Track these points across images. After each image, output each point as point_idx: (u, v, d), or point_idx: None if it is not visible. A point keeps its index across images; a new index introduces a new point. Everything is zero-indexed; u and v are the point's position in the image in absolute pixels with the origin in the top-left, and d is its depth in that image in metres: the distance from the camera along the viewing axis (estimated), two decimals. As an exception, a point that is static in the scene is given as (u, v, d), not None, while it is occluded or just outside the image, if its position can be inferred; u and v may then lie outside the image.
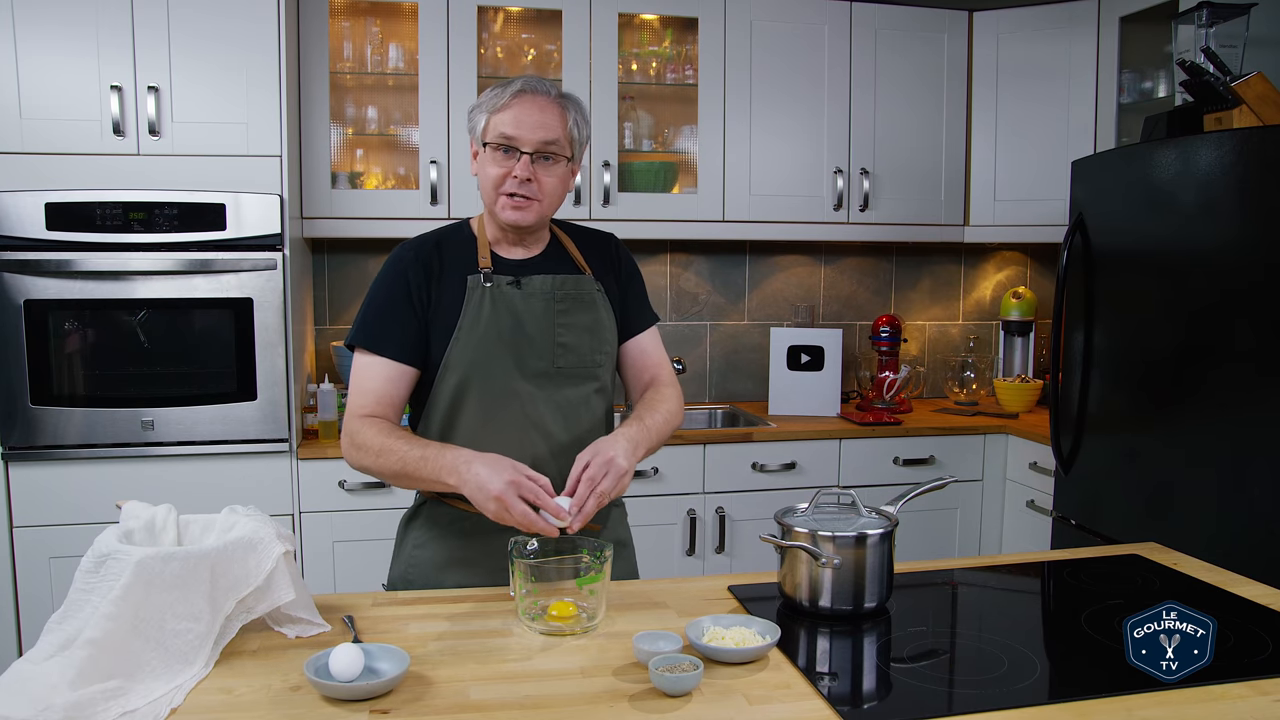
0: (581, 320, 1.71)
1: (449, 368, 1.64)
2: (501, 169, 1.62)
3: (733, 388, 3.74)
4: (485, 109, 1.64)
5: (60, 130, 2.63)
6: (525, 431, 1.66)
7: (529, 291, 1.67)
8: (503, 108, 1.62)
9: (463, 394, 1.65)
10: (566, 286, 1.71)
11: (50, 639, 1.23)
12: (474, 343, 1.64)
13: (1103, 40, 3.27)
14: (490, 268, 1.67)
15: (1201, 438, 2.39)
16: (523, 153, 1.61)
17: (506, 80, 1.66)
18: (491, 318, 1.64)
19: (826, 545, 1.45)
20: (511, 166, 1.62)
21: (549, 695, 1.21)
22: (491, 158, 1.63)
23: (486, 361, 1.64)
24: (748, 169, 3.32)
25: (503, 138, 1.61)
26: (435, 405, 1.67)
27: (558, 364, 1.68)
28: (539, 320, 1.67)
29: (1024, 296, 3.70)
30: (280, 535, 1.37)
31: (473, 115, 1.67)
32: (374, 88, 3.27)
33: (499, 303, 1.65)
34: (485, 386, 1.64)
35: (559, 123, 1.64)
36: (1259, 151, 2.24)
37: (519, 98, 1.62)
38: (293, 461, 2.80)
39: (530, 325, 1.66)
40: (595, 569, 1.44)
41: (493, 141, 1.62)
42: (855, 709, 1.20)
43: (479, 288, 1.65)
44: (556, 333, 1.68)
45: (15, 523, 2.67)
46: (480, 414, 1.65)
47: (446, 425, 1.67)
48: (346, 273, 3.38)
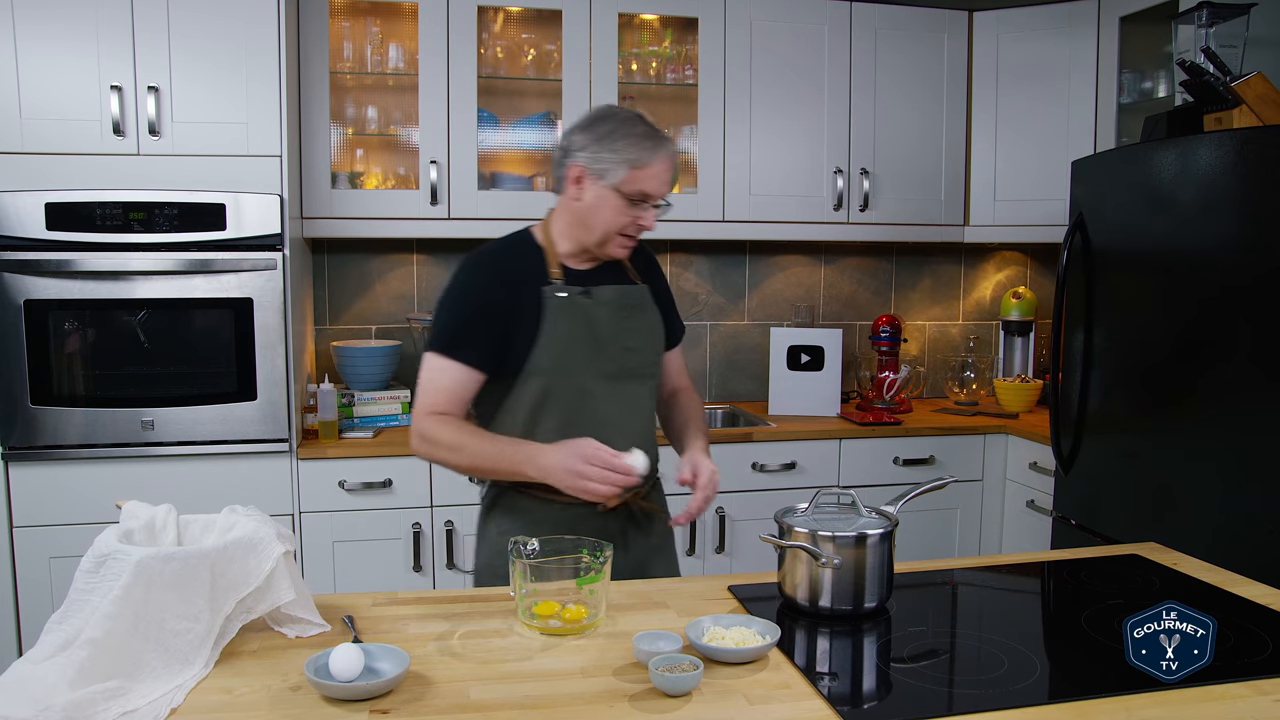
0: (642, 325, 1.87)
1: (531, 373, 1.76)
2: (628, 217, 1.75)
3: (733, 388, 3.74)
4: (624, 161, 1.71)
5: (60, 130, 2.63)
6: (599, 428, 1.75)
7: (599, 301, 1.81)
8: (645, 166, 1.72)
9: (545, 396, 1.77)
10: (629, 295, 1.86)
11: (50, 639, 1.23)
12: (555, 349, 1.76)
13: (1103, 40, 3.27)
14: (562, 279, 1.79)
15: (1201, 437, 2.39)
16: (654, 206, 1.76)
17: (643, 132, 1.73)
18: (569, 326, 1.77)
19: (826, 545, 1.45)
20: (638, 216, 1.75)
21: (549, 695, 1.21)
22: (620, 206, 1.74)
23: (566, 366, 1.77)
24: (748, 169, 3.32)
25: (642, 194, 1.74)
26: (517, 407, 1.79)
27: (625, 365, 1.82)
28: (608, 326, 1.81)
29: (1024, 296, 3.70)
30: (280, 535, 1.37)
31: (601, 155, 1.72)
32: (374, 88, 3.27)
33: (575, 312, 1.78)
34: (565, 389, 1.77)
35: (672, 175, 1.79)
36: (1259, 151, 2.24)
37: (662, 161, 1.74)
38: (293, 461, 2.80)
39: (602, 331, 1.80)
40: (595, 569, 1.44)
41: (631, 194, 1.73)
42: (855, 709, 1.20)
43: (555, 298, 1.77)
44: (624, 337, 1.82)
45: (15, 523, 2.67)
46: (561, 414, 1.78)
47: (530, 424, 1.78)
48: (346, 273, 3.38)
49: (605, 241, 1.77)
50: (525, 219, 3.23)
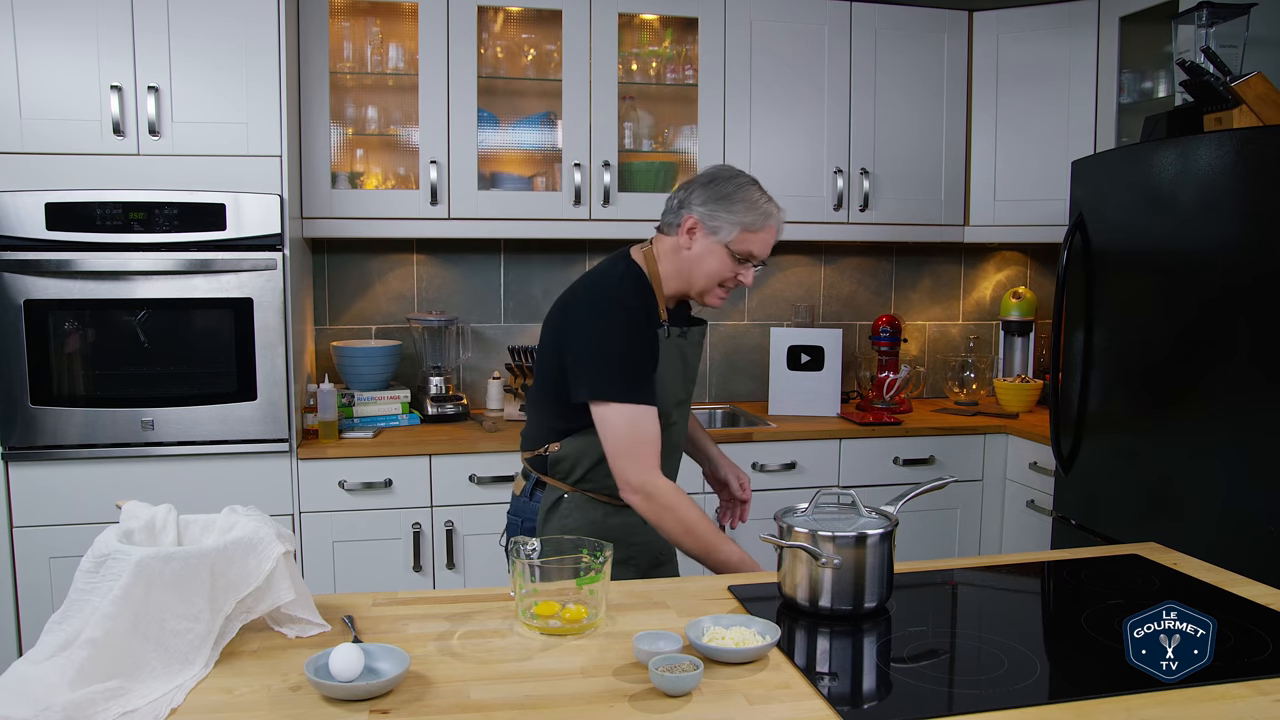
0: (699, 359, 2.07)
1: None
2: (731, 273, 1.89)
3: (733, 388, 3.74)
4: (739, 223, 1.85)
5: (60, 130, 2.63)
6: (670, 452, 1.94)
7: (691, 341, 1.99)
8: (757, 230, 1.86)
9: None
10: (701, 334, 2.05)
11: (50, 639, 1.23)
12: (664, 387, 1.89)
13: (1103, 40, 3.27)
14: (668, 320, 1.93)
15: (1201, 437, 2.39)
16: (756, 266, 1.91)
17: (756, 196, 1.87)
18: (672, 364, 1.92)
19: (826, 545, 1.45)
20: (739, 272, 1.90)
21: (549, 695, 1.21)
22: (726, 263, 1.88)
23: (663, 399, 1.89)
24: (748, 169, 3.30)
25: (747, 254, 1.88)
26: None
27: (690, 394, 2.02)
28: (689, 363, 1.99)
29: (1024, 296, 3.70)
30: (280, 535, 1.37)
31: (719, 214, 1.85)
32: (374, 88, 3.27)
33: (675, 351, 1.94)
34: (663, 418, 1.89)
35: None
36: (1259, 151, 2.24)
37: (771, 229, 1.88)
38: (293, 461, 2.80)
39: (686, 366, 1.98)
40: (595, 569, 1.44)
41: (738, 253, 1.87)
42: (855, 709, 1.20)
43: (666, 340, 1.91)
44: (693, 373, 2.02)
45: (15, 523, 2.67)
46: None
47: None
48: (346, 273, 3.38)
49: (705, 291, 1.92)
50: (525, 219, 3.26)
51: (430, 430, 3.05)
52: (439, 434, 2.99)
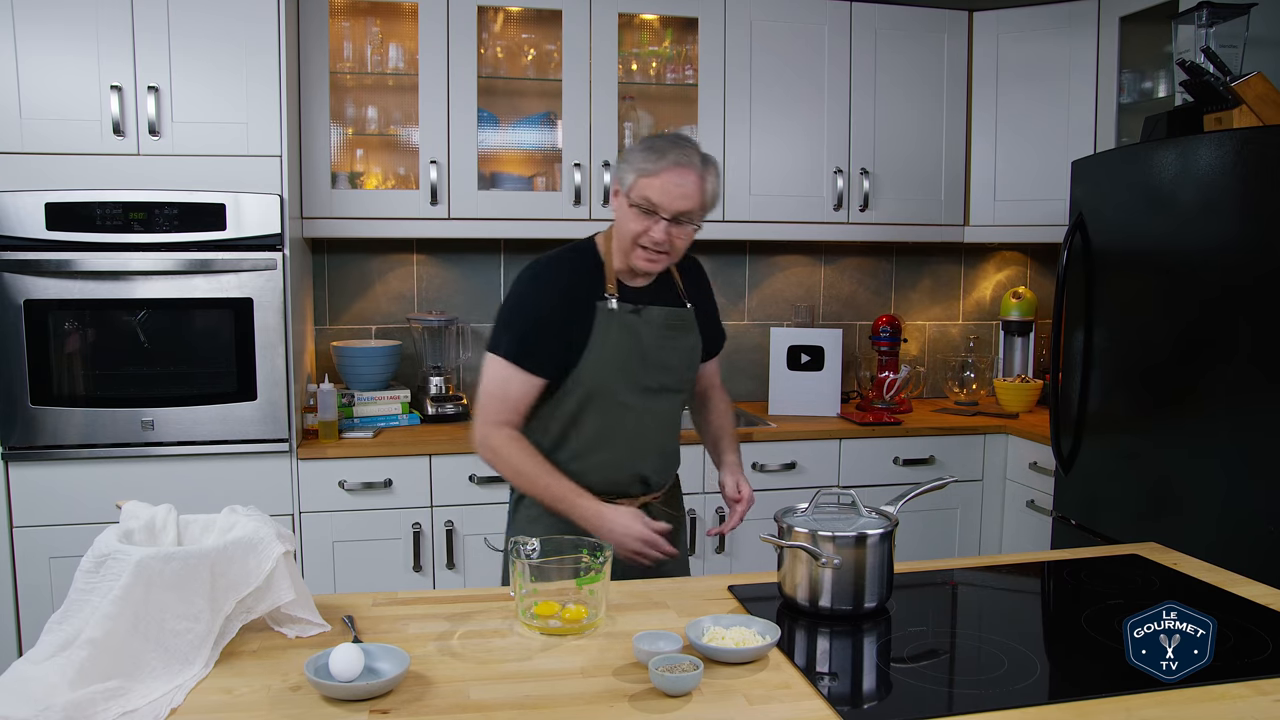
0: (682, 345, 1.93)
1: (577, 383, 1.83)
2: (640, 226, 1.78)
3: (733, 388, 3.70)
4: (635, 169, 1.77)
5: (60, 130, 2.62)
6: (632, 440, 1.87)
7: (647, 319, 1.87)
8: (652, 175, 1.75)
9: (585, 407, 1.84)
10: (674, 317, 1.92)
11: (50, 639, 1.23)
12: (601, 363, 1.82)
13: (1103, 40, 3.27)
14: (616, 294, 1.85)
15: (1202, 437, 2.39)
16: (662, 218, 1.76)
17: (659, 145, 1.77)
18: (617, 341, 1.83)
19: (826, 545, 1.45)
20: (649, 226, 1.77)
21: (549, 695, 1.21)
22: (632, 214, 1.78)
23: (609, 380, 1.83)
24: (748, 169, 3.32)
25: (646, 202, 1.76)
26: (557, 413, 1.85)
27: (661, 381, 1.89)
28: (651, 344, 1.87)
29: (1024, 296, 3.70)
30: (280, 535, 1.37)
31: (622, 166, 1.81)
32: (374, 88, 3.27)
33: (624, 328, 1.84)
34: (605, 401, 1.83)
35: (697, 193, 1.79)
36: (1259, 151, 2.24)
37: (668, 170, 1.75)
38: (293, 461, 2.80)
39: (645, 348, 1.86)
40: (595, 569, 1.44)
41: (637, 201, 1.77)
42: (855, 709, 1.20)
43: (607, 312, 1.83)
44: (664, 356, 1.89)
45: (15, 523, 2.67)
46: (598, 424, 1.85)
47: (565, 432, 1.86)
48: (346, 273, 3.38)
49: (629, 254, 1.82)
50: (525, 219, 3.26)
51: (430, 430, 3.05)
52: (439, 434, 2.99)
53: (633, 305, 1.86)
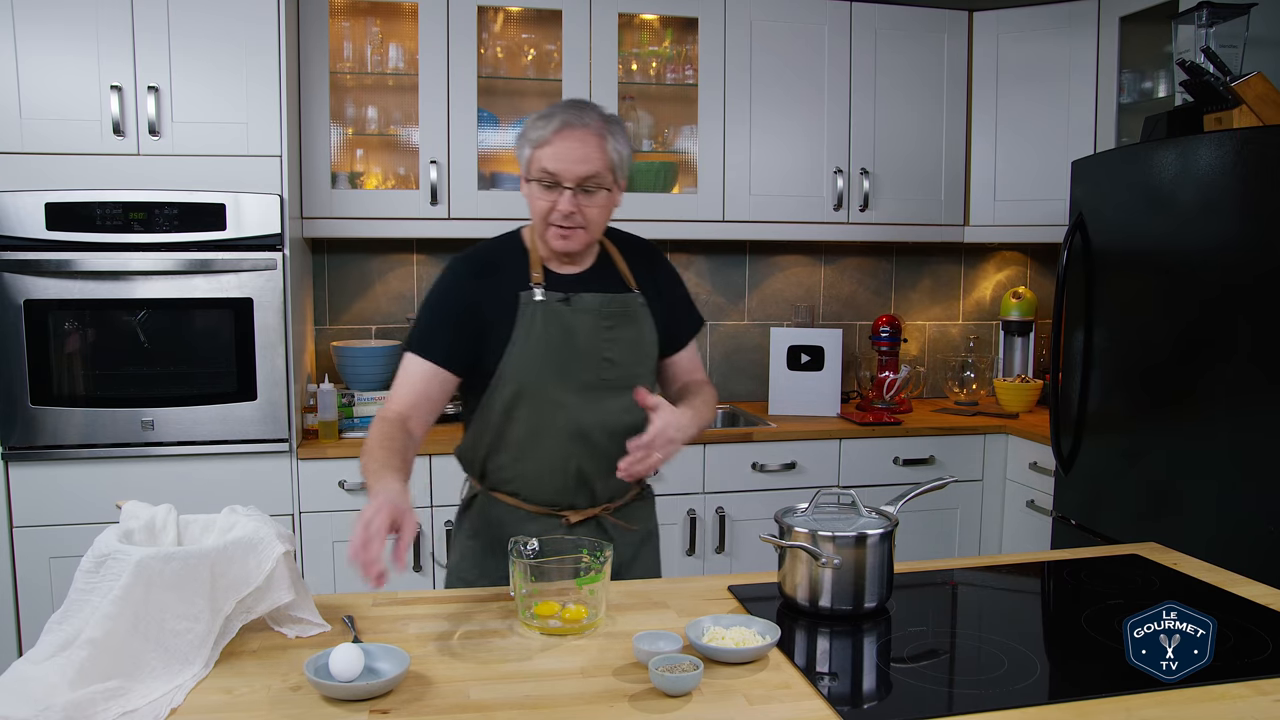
0: (626, 335, 1.77)
1: (503, 379, 1.71)
2: (546, 202, 1.67)
3: (733, 388, 3.73)
4: (529, 142, 1.67)
5: (60, 130, 2.62)
6: (571, 441, 1.73)
7: (578, 308, 1.73)
8: (544, 143, 1.64)
9: (515, 404, 1.72)
10: (614, 304, 1.76)
11: (50, 639, 1.23)
12: (526, 356, 1.70)
13: (1103, 40, 3.27)
14: (542, 284, 1.73)
15: (1201, 438, 2.39)
16: (565, 188, 1.64)
17: (549, 111, 1.67)
18: (543, 333, 1.70)
19: (826, 545, 1.45)
20: (556, 200, 1.65)
21: (549, 695, 1.21)
22: (536, 191, 1.68)
23: (537, 374, 1.70)
24: (748, 169, 3.32)
25: (545, 173, 1.65)
26: (489, 413, 1.74)
27: (603, 377, 1.74)
28: (587, 336, 1.73)
29: (1024, 296, 3.70)
30: (280, 535, 1.37)
31: (519, 144, 1.71)
32: (374, 88, 3.27)
33: (550, 319, 1.71)
34: (536, 397, 1.71)
35: (599, 154, 1.65)
36: (1259, 151, 2.24)
37: (560, 133, 1.63)
38: (293, 461, 2.80)
39: (579, 340, 1.72)
40: (595, 569, 1.44)
41: (536, 177, 1.66)
42: (855, 709, 1.20)
43: (531, 303, 1.71)
44: (603, 348, 1.74)
45: (15, 523, 2.67)
46: (530, 423, 1.72)
47: (499, 433, 1.75)
48: (346, 273, 3.38)
49: (543, 234, 1.71)
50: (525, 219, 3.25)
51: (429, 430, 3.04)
52: (438, 434, 2.96)
53: (562, 294, 1.72)
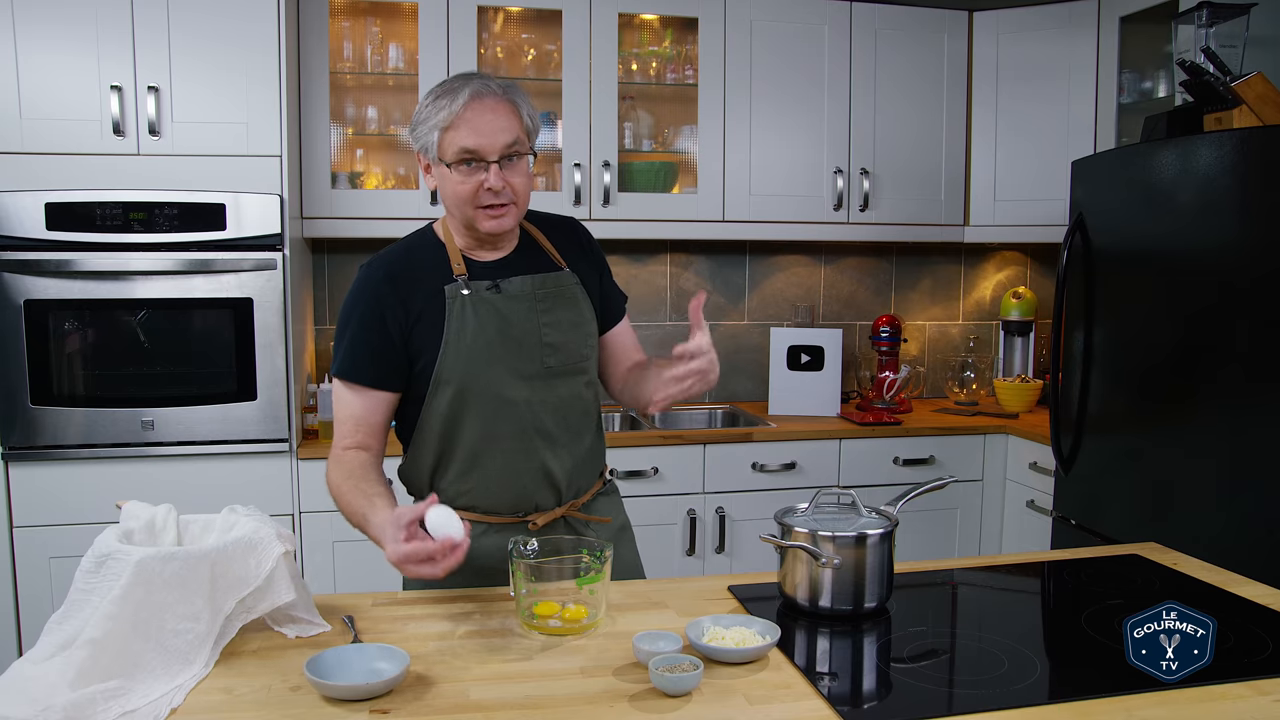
0: (565, 317, 1.67)
1: (440, 382, 1.60)
2: (471, 184, 1.55)
3: (733, 388, 3.74)
4: (435, 125, 1.55)
5: (60, 130, 2.62)
6: (526, 436, 1.63)
7: (509, 294, 1.62)
8: (456, 122, 1.53)
9: (459, 407, 1.61)
10: (547, 285, 1.66)
11: (50, 639, 1.23)
12: (463, 353, 1.59)
13: (1103, 40, 3.27)
14: (465, 274, 1.62)
15: (1201, 438, 2.39)
16: (490, 162, 1.54)
17: (447, 89, 1.56)
18: (477, 326, 1.59)
19: (826, 545, 1.45)
20: (481, 179, 1.54)
21: (549, 695, 1.21)
22: (456, 174, 1.55)
23: (479, 371, 1.59)
24: (748, 169, 3.32)
25: (465, 152, 1.54)
26: (430, 422, 1.63)
27: (547, 363, 1.64)
28: (524, 322, 1.62)
29: (1024, 296, 3.70)
30: (280, 535, 1.37)
31: (418, 132, 1.58)
32: (374, 88, 3.26)
33: (481, 309, 1.60)
34: (481, 396, 1.60)
35: (514, 120, 1.57)
36: (1259, 151, 2.24)
37: (470, 106, 1.54)
38: (293, 461, 2.80)
39: (516, 328, 1.62)
40: (595, 569, 1.44)
41: (454, 160, 1.54)
42: (855, 709, 1.20)
43: (458, 297, 1.59)
44: (543, 333, 1.64)
45: (15, 523, 2.67)
46: (479, 425, 1.62)
47: (445, 441, 1.64)
48: (347, 273, 3.38)
49: (472, 221, 1.58)
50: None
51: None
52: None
53: (489, 281, 1.61)
